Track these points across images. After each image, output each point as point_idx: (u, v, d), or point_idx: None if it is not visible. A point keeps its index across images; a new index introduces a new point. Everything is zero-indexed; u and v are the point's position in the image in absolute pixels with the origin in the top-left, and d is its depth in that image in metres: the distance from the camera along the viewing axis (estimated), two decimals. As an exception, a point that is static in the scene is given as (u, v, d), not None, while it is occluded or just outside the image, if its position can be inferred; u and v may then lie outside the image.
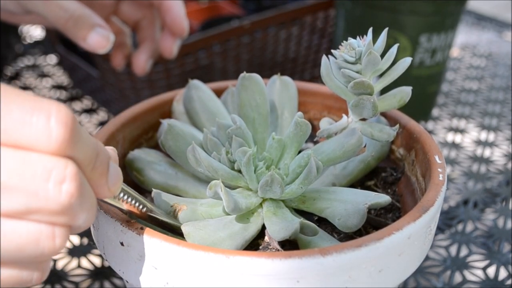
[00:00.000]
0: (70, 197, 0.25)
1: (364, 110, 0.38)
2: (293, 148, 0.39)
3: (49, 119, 0.24)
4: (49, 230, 0.26)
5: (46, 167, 0.24)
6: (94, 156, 0.27)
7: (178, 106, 0.46)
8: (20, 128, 0.24)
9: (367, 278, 0.31)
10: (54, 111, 0.24)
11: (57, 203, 0.25)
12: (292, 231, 0.33)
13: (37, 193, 0.24)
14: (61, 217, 0.25)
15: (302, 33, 0.79)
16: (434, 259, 0.54)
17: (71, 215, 0.26)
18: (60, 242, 0.26)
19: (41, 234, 0.25)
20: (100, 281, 0.51)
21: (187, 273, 0.31)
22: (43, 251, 0.26)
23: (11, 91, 0.24)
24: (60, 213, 0.25)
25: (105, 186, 0.28)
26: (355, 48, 0.37)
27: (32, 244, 0.25)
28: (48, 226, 0.25)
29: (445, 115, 0.80)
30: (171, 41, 0.57)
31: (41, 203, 0.25)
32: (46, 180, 0.24)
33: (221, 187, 0.34)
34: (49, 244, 0.26)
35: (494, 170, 0.68)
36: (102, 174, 0.28)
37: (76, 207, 0.26)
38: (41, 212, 0.25)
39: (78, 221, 0.27)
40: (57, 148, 0.25)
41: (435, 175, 0.37)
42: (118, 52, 0.60)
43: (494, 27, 1.08)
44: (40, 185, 0.24)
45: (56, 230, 0.26)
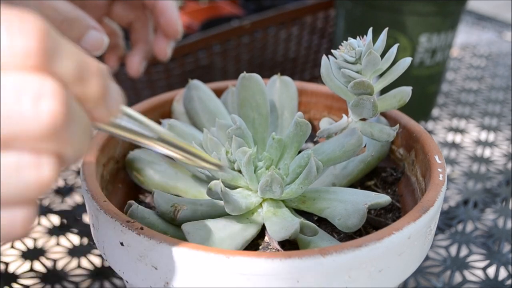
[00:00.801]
0: (51, 115, 0.21)
1: (364, 110, 0.38)
2: (293, 148, 0.39)
3: (10, 29, 0.21)
4: (32, 159, 0.22)
5: (15, 84, 0.21)
6: (82, 69, 0.23)
7: (178, 106, 0.46)
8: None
9: (367, 278, 0.31)
10: (17, 21, 0.21)
11: (36, 124, 0.21)
12: (292, 231, 0.33)
13: (8, 114, 0.20)
14: (45, 142, 0.21)
15: (302, 33, 0.79)
16: (434, 259, 0.54)
17: (58, 140, 0.22)
18: (47, 172, 0.22)
19: (21, 163, 0.21)
20: (100, 281, 0.51)
21: (187, 273, 0.31)
22: (27, 186, 0.22)
23: None
24: (43, 137, 0.21)
25: (103, 110, 0.24)
26: (355, 48, 0.37)
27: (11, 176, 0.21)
28: (30, 154, 0.21)
29: (445, 115, 0.80)
30: (165, 43, 0.57)
31: (16, 127, 0.21)
32: (18, 97, 0.20)
33: (221, 187, 0.34)
34: (34, 175, 0.22)
35: (494, 170, 0.68)
36: (97, 94, 0.24)
37: (64, 129, 0.22)
38: (20, 137, 0.21)
39: (68, 148, 0.22)
40: (25, 61, 0.21)
41: (435, 175, 0.37)
42: (111, 53, 0.60)
43: (494, 27, 1.08)
44: (12, 104, 0.20)
45: (42, 158, 0.22)
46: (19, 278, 0.51)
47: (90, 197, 0.35)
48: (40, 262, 0.53)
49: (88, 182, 0.36)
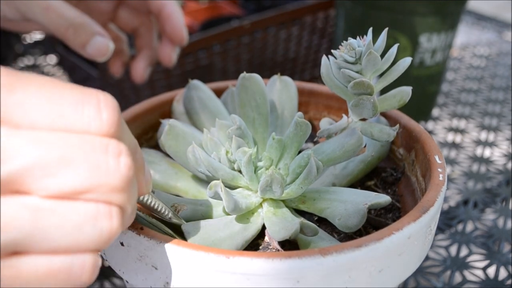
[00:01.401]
0: (128, 169, 0.25)
1: (364, 110, 0.38)
2: (293, 148, 0.39)
3: (98, 104, 0.25)
4: (107, 209, 0.25)
5: (103, 142, 0.25)
6: (135, 147, 0.28)
7: (178, 106, 0.46)
8: (74, 114, 0.25)
9: (367, 278, 0.31)
10: (103, 97, 0.25)
11: (118, 176, 0.25)
12: (292, 231, 0.33)
13: (98, 166, 0.24)
14: (117, 194, 0.25)
15: (302, 33, 0.79)
16: (434, 259, 0.54)
17: (126, 194, 0.25)
18: (116, 222, 0.25)
19: (99, 213, 0.25)
20: (100, 281, 0.51)
21: (187, 273, 0.31)
22: (101, 232, 0.25)
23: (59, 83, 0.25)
24: (118, 189, 0.25)
25: (143, 181, 0.29)
26: (355, 48, 0.37)
27: (90, 223, 0.24)
28: (105, 205, 0.25)
29: (445, 115, 0.80)
30: (171, 49, 0.57)
31: (103, 177, 0.24)
32: (105, 152, 0.25)
33: (221, 187, 0.34)
34: (107, 223, 0.25)
35: (494, 170, 0.68)
36: (140, 167, 0.29)
37: (131, 185, 0.26)
38: (102, 187, 0.24)
39: (128, 205, 0.26)
40: (108, 129, 0.25)
41: (435, 175, 0.37)
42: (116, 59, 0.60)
43: (494, 27, 1.08)
44: (100, 157, 0.24)
45: (113, 209, 0.25)
46: (19, 278, 0.51)
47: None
48: (40, 262, 0.53)
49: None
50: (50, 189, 0.24)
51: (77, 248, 0.25)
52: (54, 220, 0.24)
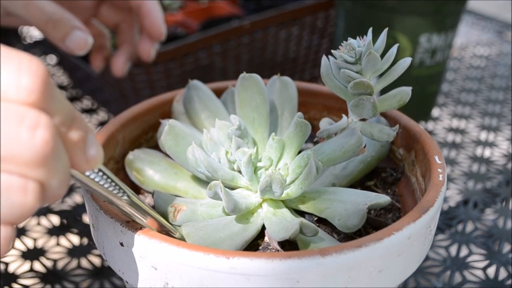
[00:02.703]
0: (44, 144, 0.23)
1: (364, 110, 0.38)
2: (293, 148, 0.39)
3: (19, 69, 0.23)
4: (21, 182, 0.23)
5: (18, 113, 0.23)
6: (69, 118, 0.26)
7: (178, 106, 0.46)
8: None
9: (367, 279, 0.31)
10: (25, 62, 0.24)
11: (31, 150, 0.23)
12: (292, 231, 0.33)
13: (9, 137, 0.23)
14: (34, 169, 0.24)
15: (302, 33, 0.79)
16: (434, 259, 0.54)
17: (45, 170, 0.24)
18: (32, 198, 0.24)
19: (12, 185, 0.23)
20: (100, 281, 0.51)
21: (187, 273, 0.31)
22: (12, 206, 0.24)
23: None
24: (33, 164, 0.23)
25: (82, 155, 0.27)
26: (355, 48, 0.37)
27: (1, 195, 0.23)
28: (19, 178, 0.24)
29: (445, 115, 0.80)
30: (149, 44, 0.59)
31: (14, 149, 0.23)
32: (19, 124, 0.23)
33: (221, 188, 0.34)
34: (20, 198, 0.23)
35: (494, 170, 0.68)
36: (78, 141, 0.26)
37: (51, 160, 0.24)
38: (13, 159, 0.23)
39: (51, 181, 0.24)
40: (27, 97, 0.23)
41: (435, 175, 0.37)
42: (97, 54, 0.62)
43: (494, 27, 1.08)
44: (12, 129, 0.23)
45: (29, 184, 0.24)
46: (19, 278, 0.51)
47: (89, 197, 0.35)
48: (40, 262, 0.53)
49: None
50: None
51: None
52: None
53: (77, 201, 0.62)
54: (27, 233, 0.57)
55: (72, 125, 0.26)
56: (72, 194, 0.63)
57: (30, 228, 0.57)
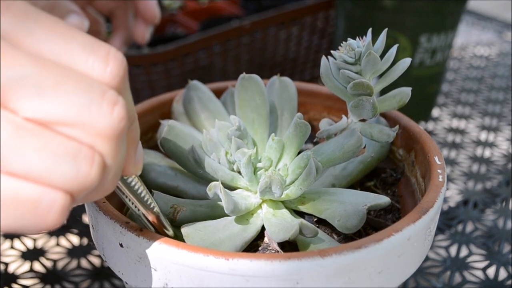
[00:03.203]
0: (120, 119, 0.24)
1: (364, 111, 0.38)
2: (293, 149, 0.39)
3: (107, 55, 0.25)
4: (89, 153, 0.24)
5: (102, 87, 0.24)
6: (133, 116, 0.27)
7: (178, 107, 0.45)
8: (80, 55, 0.24)
9: (366, 280, 0.31)
10: (113, 51, 0.25)
11: (108, 121, 0.24)
12: (292, 232, 0.33)
13: (90, 104, 0.24)
14: (104, 142, 0.24)
15: (302, 33, 0.79)
16: (434, 259, 0.54)
17: (113, 147, 0.24)
18: (96, 170, 0.24)
19: (81, 152, 0.24)
20: (99, 281, 0.51)
21: (186, 274, 0.31)
22: (78, 173, 0.23)
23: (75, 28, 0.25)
24: (105, 136, 0.24)
25: (133, 156, 0.28)
26: (354, 48, 0.37)
27: (69, 160, 0.23)
28: (88, 149, 0.24)
29: (445, 115, 0.80)
30: (144, 27, 0.61)
31: (92, 117, 0.24)
32: (101, 96, 0.24)
33: (221, 188, 0.34)
34: (86, 167, 0.24)
35: (494, 170, 0.68)
36: (133, 141, 0.28)
37: (119, 140, 0.25)
38: (89, 126, 0.24)
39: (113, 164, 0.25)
40: (111, 80, 0.25)
41: (435, 176, 0.37)
42: None
43: (494, 27, 1.08)
44: (95, 98, 0.24)
45: (96, 156, 0.24)
46: (19, 278, 0.51)
47: (89, 198, 0.35)
48: (40, 263, 0.53)
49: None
50: (36, 111, 0.23)
51: (49, 181, 0.23)
52: (33, 143, 0.23)
53: (77, 201, 0.62)
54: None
55: (133, 125, 0.28)
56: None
57: (30, 229, 0.57)
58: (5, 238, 0.56)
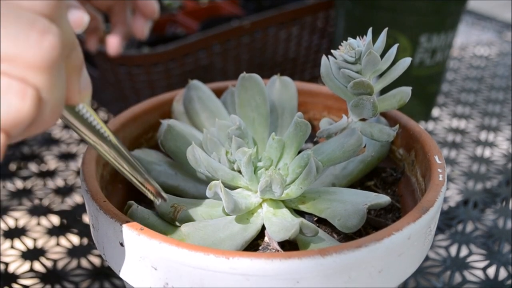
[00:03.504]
0: (52, 48, 0.23)
1: (364, 110, 0.38)
2: (293, 148, 0.39)
3: None
4: (20, 86, 0.23)
5: (30, 17, 0.23)
6: (71, 43, 0.25)
7: (178, 106, 0.46)
8: None
9: (367, 279, 0.31)
10: None
11: (38, 51, 0.23)
12: (292, 231, 0.33)
13: (17, 36, 0.22)
14: (36, 73, 0.23)
15: (302, 33, 0.79)
16: (434, 259, 0.54)
17: (46, 77, 0.23)
18: (29, 104, 0.23)
19: (11, 87, 0.23)
20: (100, 281, 0.51)
21: (187, 274, 0.31)
22: (8, 110, 0.23)
23: None
24: (36, 67, 0.23)
25: (77, 84, 0.26)
26: (355, 48, 0.37)
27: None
28: (19, 83, 0.23)
29: (445, 115, 0.80)
30: (143, 22, 0.61)
31: (21, 49, 0.22)
32: (30, 26, 0.23)
33: (221, 188, 0.34)
34: (17, 102, 0.23)
35: (494, 170, 0.68)
36: (76, 68, 0.26)
37: (53, 70, 0.24)
38: (18, 60, 0.23)
39: (49, 95, 0.24)
40: (41, 7, 0.23)
41: (435, 175, 0.37)
42: (92, 36, 0.64)
43: (494, 27, 1.08)
44: (23, 30, 0.22)
45: (28, 89, 0.23)
46: (19, 278, 0.51)
47: (89, 197, 0.35)
48: (40, 262, 0.53)
49: (88, 182, 0.36)
50: None
51: None
52: None
53: (77, 201, 0.62)
54: (27, 233, 0.57)
55: (73, 52, 0.26)
56: (72, 194, 0.63)
57: (30, 228, 0.57)
58: (5, 238, 0.56)
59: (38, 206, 0.61)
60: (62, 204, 0.61)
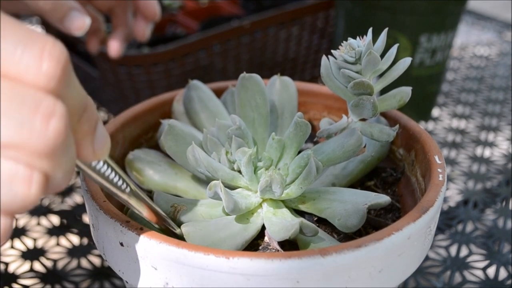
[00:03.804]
0: (57, 135, 0.23)
1: (364, 110, 0.38)
2: (293, 148, 0.39)
3: (42, 52, 0.23)
4: (27, 173, 0.23)
5: (35, 98, 0.22)
6: (82, 107, 0.25)
7: (178, 106, 0.46)
8: (10, 57, 0.22)
9: (367, 279, 0.31)
10: (49, 46, 0.23)
11: (42, 140, 0.23)
12: (292, 231, 0.33)
13: (22, 124, 0.22)
14: (42, 160, 0.23)
15: (302, 33, 0.79)
16: (434, 259, 0.54)
17: (52, 161, 0.23)
18: (35, 190, 0.23)
19: (17, 174, 0.23)
20: (100, 281, 0.51)
21: (187, 273, 0.31)
22: (15, 196, 0.23)
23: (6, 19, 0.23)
24: (42, 154, 0.23)
25: (90, 147, 0.26)
26: (355, 48, 0.37)
27: (4, 185, 0.22)
28: (26, 168, 0.23)
29: (445, 115, 0.80)
30: (144, 25, 0.61)
31: (25, 137, 0.22)
32: (34, 111, 0.22)
33: (221, 188, 0.34)
34: (24, 189, 0.23)
35: (494, 170, 0.68)
36: (88, 131, 0.26)
37: (60, 152, 0.23)
38: (22, 148, 0.22)
39: (57, 173, 0.24)
40: (46, 83, 0.23)
41: (435, 175, 0.37)
42: (93, 37, 0.64)
43: (494, 27, 1.08)
44: (27, 116, 0.22)
45: (34, 175, 0.23)
46: (19, 278, 0.51)
47: (89, 197, 0.35)
48: (40, 262, 0.53)
49: (88, 182, 0.36)
50: None
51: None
52: None
53: (77, 201, 0.62)
54: (27, 233, 0.57)
55: (84, 115, 0.25)
56: (72, 194, 0.63)
57: (30, 228, 0.57)
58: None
59: (38, 206, 0.61)
60: (62, 204, 0.61)
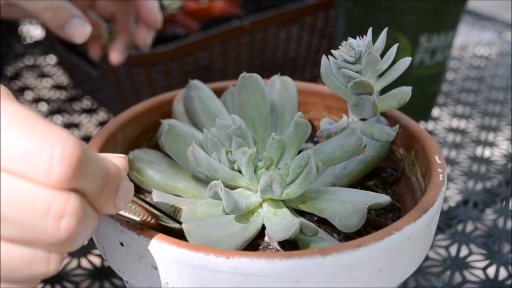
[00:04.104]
0: (69, 233, 0.25)
1: (364, 110, 0.38)
2: (293, 148, 0.39)
3: (52, 156, 0.24)
4: (44, 256, 0.25)
5: (46, 201, 0.24)
6: (102, 185, 0.26)
7: (178, 106, 0.46)
8: (22, 158, 0.24)
9: (367, 278, 0.31)
10: (60, 148, 0.24)
11: (54, 238, 0.25)
12: (292, 231, 0.33)
13: (34, 227, 0.24)
14: (58, 247, 0.25)
15: (302, 33, 0.79)
16: (434, 259, 0.54)
17: (69, 246, 0.26)
18: (54, 266, 0.26)
19: (35, 258, 0.25)
20: (100, 281, 0.51)
21: (187, 273, 0.31)
22: (35, 274, 0.26)
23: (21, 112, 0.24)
24: (57, 246, 0.25)
25: (111, 206, 0.28)
26: (355, 48, 0.37)
27: (25, 267, 0.25)
28: (44, 252, 0.25)
29: (445, 115, 0.80)
30: (146, 32, 0.61)
31: (38, 237, 0.25)
32: (45, 215, 0.24)
33: (221, 187, 0.34)
34: (43, 268, 0.25)
35: (494, 170, 0.68)
36: (109, 198, 0.27)
37: (75, 239, 0.25)
38: (39, 244, 0.25)
39: (74, 247, 0.26)
40: (58, 185, 0.24)
41: (435, 175, 0.37)
42: (94, 43, 0.63)
43: (494, 27, 1.08)
44: (38, 221, 0.24)
45: (52, 256, 0.26)
46: (19, 278, 0.51)
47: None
48: (40, 262, 0.53)
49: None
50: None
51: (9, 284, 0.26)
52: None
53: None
54: (27, 233, 0.57)
55: (105, 188, 0.27)
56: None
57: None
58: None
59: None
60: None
